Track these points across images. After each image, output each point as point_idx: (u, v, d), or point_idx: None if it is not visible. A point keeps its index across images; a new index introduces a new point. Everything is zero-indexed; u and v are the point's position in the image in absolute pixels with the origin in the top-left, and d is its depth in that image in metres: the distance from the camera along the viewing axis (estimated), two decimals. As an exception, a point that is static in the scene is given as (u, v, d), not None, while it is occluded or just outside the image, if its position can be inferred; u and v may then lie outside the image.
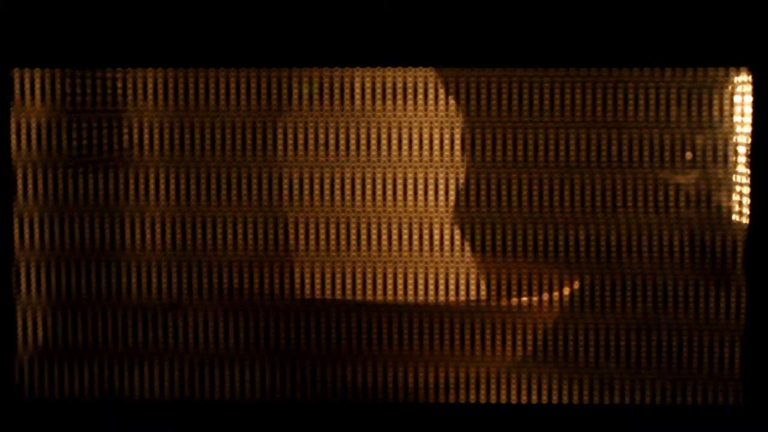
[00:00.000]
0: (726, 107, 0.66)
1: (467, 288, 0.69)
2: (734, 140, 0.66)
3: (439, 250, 0.69)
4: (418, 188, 0.69)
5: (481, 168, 0.68)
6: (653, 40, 0.64)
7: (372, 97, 0.67)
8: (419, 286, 0.69)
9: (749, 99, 0.64)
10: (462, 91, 0.68)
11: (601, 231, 0.67)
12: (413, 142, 0.68)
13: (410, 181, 0.68)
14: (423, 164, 0.68)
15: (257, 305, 0.68)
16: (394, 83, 0.67)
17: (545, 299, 0.69)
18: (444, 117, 0.69)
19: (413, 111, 0.68)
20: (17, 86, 0.66)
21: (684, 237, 0.66)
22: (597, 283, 0.67)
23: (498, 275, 0.70)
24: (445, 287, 0.69)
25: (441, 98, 0.68)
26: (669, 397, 0.66)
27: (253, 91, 0.66)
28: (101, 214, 0.68)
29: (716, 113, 0.66)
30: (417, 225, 0.68)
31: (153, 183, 0.67)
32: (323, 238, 0.70)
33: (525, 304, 0.68)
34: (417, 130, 0.68)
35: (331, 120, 0.68)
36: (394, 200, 0.68)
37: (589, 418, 0.66)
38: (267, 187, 0.67)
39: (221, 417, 0.67)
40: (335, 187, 0.68)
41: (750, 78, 0.64)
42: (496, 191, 0.67)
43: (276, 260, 0.69)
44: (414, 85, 0.68)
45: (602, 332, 0.67)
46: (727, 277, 0.66)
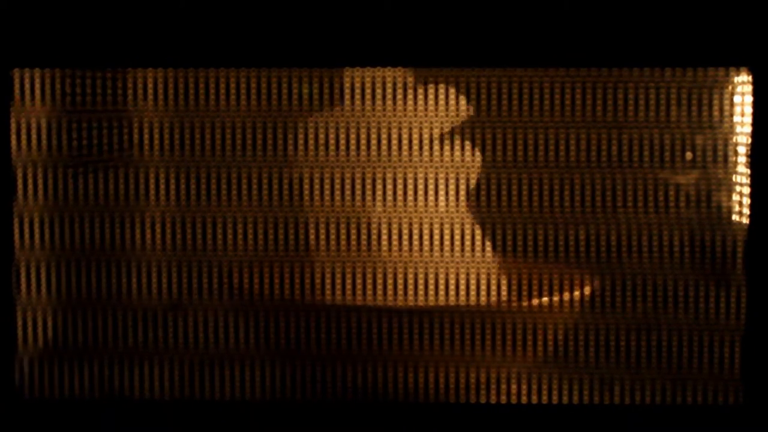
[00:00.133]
0: (726, 107, 0.66)
1: (467, 289, 0.69)
2: (734, 140, 0.66)
3: (439, 251, 0.69)
4: (418, 188, 0.69)
5: (482, 168, 0.68)
6: (653, 40, 0.64)
7: (372, 97, 0.67)
8: (419, 288, 0.69)
9: (749, 99, 0.64)
10: (462, 92, 0.68)
11: (601, 231, 0.67)
12: (413, 142, 0.68)
13: (410, 181, 0.68)
14: (423, 164, 0.68)
15: (257, 305, 0.68)
16: (394, 83, 0.67)
17: (546, 301, 0.69)
18: (444, 117, 0.69)
19: (413, 111, 0.68)
20: (17, 86, 0.66)
21: (684, 237, 0.66)
22: (597, 283, 0.67)
23: (498, 276, 0.70)
24: (445, 288, 0.69)
25: (441, 98, 0.68)
26: (669, 397, 0.66)
27: (253, 91, 0.66)
28: (102, 214, 0.68)
29: (716, 113, 0.66)
30: (417, 225, 0.68)
31: (153, 183, 0.67)
32: (323, 239, 0.70)
33: (525, 306, 0.68)
34: (417, 130, 0.68)
35: (332, 120, 0.68)
36: (395, 200, 0.68)
37: (589, 418, 0.66)
38: (267, 188, 0.67)
39: (221, 417, 0.67)
40: (335, 187, 0.68)
41: (750, 78, 0.64)
42: (496, 191, 0.67)
43: (276, 260, 0.69)
44: (414, 85, 0.68)
45: (602, 332, 0.67)
46: (727, 277, 0.66)
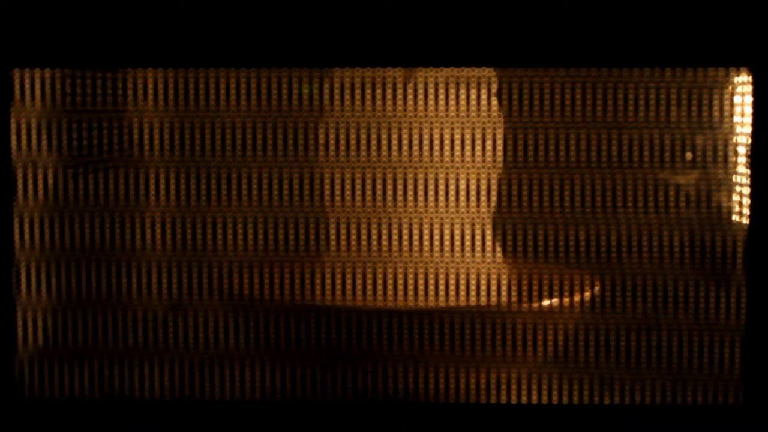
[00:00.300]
0: (726, 107, 0.66)
1: (467, 289, 0.69)
2: (734, 140, 0.66)
3: (439, 252, 0.69)
4: (419, 189, 0.69)
5: (481, 168, 0.68)
6: (653, 40, 0.64)
7: (372, 97, 0.67)
8: (419, 288, 0.69)
9: (749, 99, 0.64)
10: (462, 91, 0.68)
11: (601, 231, 0.67)
12: (413, 142, 0.68)
13: (410, 182, 0.68)
14: (423, 164, 0.68)
15: (258, 305, 0.68)
16: (395, 83, 0.67)
17: (546, 301, 0.68)
18: (444, 117, 0.69)
19: (413, 111, 0.68)
20: (17, 86, 0.66)
21: (684, 237, 0.66)
22: (597, 283, 0.67)
23: (499, 276, 0.70)
24: (446, 289, 0.69)
25: (441, 98, 0.68)
26: (669, 397, 0.66)
27: (253, 91, 0.66)
28: (102, 215, 0.68)
29: (716, 113, 0.66)
30: (417, 226, 0.68)
31: (153, 183, 0.67)
32: (323, 239, 0.70)
33: (525, 307, 0.68)
34: (417, 130, 0.68)
35: (332, 120, 0.68)
36: (395, 201, 0.68)
37: (589, 418, 0.66)
38: (267, 188, 0.67)
39: (221, 417, 0.67)
40: (335, 188, 0.68)
41: (750, 78, 0.64)
42: (497, 191, 0.67)
43: (276, 261, 0.69)
44: (414, 86, 0.68)
45: (602, 332, 0.67)
46: (727, 277, 0.66)
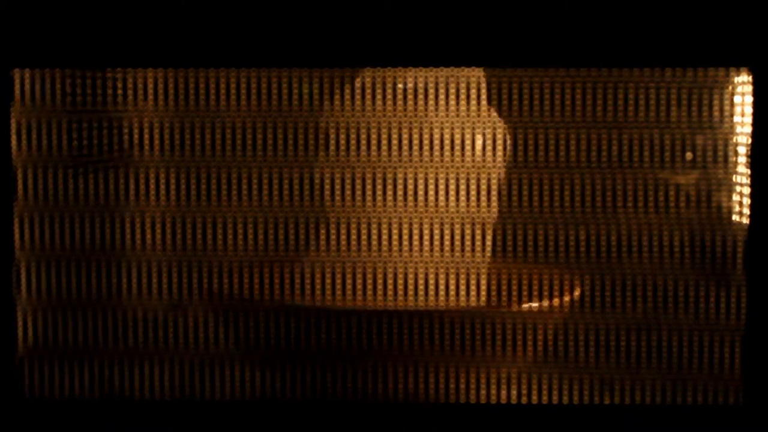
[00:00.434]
0: (726, 107, 0.66)
1: (467, 290, 0.69)
2: (734, 140, 0.66)
3: (439, 252, 0.69)
4: (418, 189, 0.69)
5: (481, 168, 0.68)
6: (653, 40, 0.64)
7: (372, 97, 0.67)
8: (419, 289, 0.69)
9: (749, 99, 0.64)
10: (462, 91, 0.68)
11: (601, 231, 0.67)
12: (413, 142, 0.68)
13: (410, 182, 0.68)
14: (423, 164, 0.68)
15: (258, 306, 0.68)
16: (395, 83, 0.67)
17: (546, 301, 0.68)
18: (444, 117, 0.69)
19: (413, 111, 0.68)
20: (17, 86, 0.66)
21: (684, 237, 0.66)
22: (597, 283, 0.67)
23: (498, 276, 0.70)
24: (446, 289, 0.69)
25: (441, 98, 0.68)
26: (669, 397, 0.66)
27: (253, 91, 0.66)
28: (101, 215, 0.68)
29: (716, 113, 0.66)
30: (417, 226, 0.68)
31: (153, 183, 0.67)
32: (323, 239, 0.70)
33: (526, 307, 0.68)
34: (417, 130, 0.68)
35: (332, 120, 0.68)
36: (395, 201, 0.68)
37: (589, 418, 0.66)
38: (267, 188, 0.67)
39: (221, 417, 0.67)
40: (335, 188, 0.68)
41: (750, 78, 0.64)
42: (497, 192, 0.67)
43: (276, 261, 0.69)
44: (414, 86, 0.68)
45: (602, 332, 0.67)
46: (727, 277, 0.66)
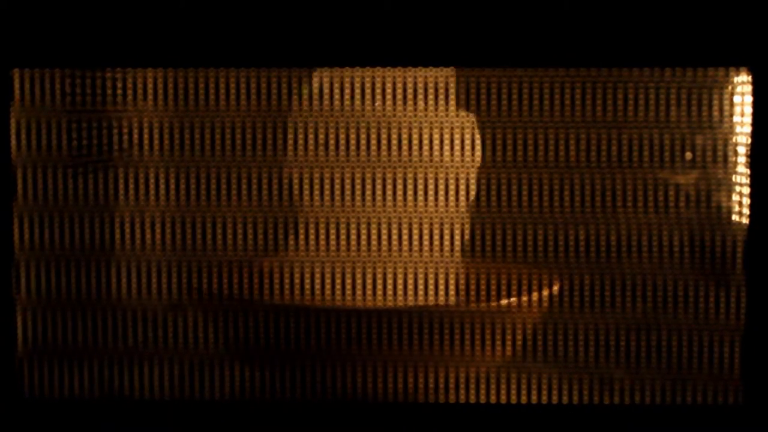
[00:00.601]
0: (726, 107, 0.66)
1: (467, 289, 0.69)
2: (734, 140, 0.66)
3: (439, 251, 0.69)
4: (418, 188, 0.69)
5: (482, 168, 0.68)
6: (653, 40, 0.64)
7: (372, 97, 0.67)
8: (419, 288, 0.69)
9: (749, 99, 0.64)
10: (462, 92, 0.68)
11: (601, 231, 0.67)
12: (413, 142, 0.68)
13: (410, 182, 0.68)
14: (423, 164, 0.68)
15: (257, 306, 0.68)
16: (394, 83, 0.67)
17: (545, 299, 0.69)
18: (444, 117, 0.69)
19: (413, 111, 0.68)
20: (17, 86, 0.66)
21: (684, 237, 0.66)
22: (597, 283, 0.67)
23: (498, 276, 0.70)
24: (445, 288, 0.69)
25: (441, 98, 0.68)
26: (669, 397, 0.66)
27: (253, 91, 0.66)
28: (101, 214, 0.68)
29: (716, 113, 0.66)
30: (417, 226, 0.68)
31: (153, 183, 0.67)
32: (323, 239, 0.70)
33: (525, 304, 0.68)
34: (417, 130, 0.68)
35: (331, 120, 0.68)
36: (394, 201, 0.68)
37: (589, 418, 0.66)
38: (267, 188, 0.67)
39: (221, 417, 0.67)
40: (335, 187, 0.68)
41: (750, 78, 0.64)
42: (496, 191, 0.67)
43: (275, 260, 0.69)
44: (414, 86, 0.68)
45: (602, 332, 0.67)
46: (727, 277, 0.66)
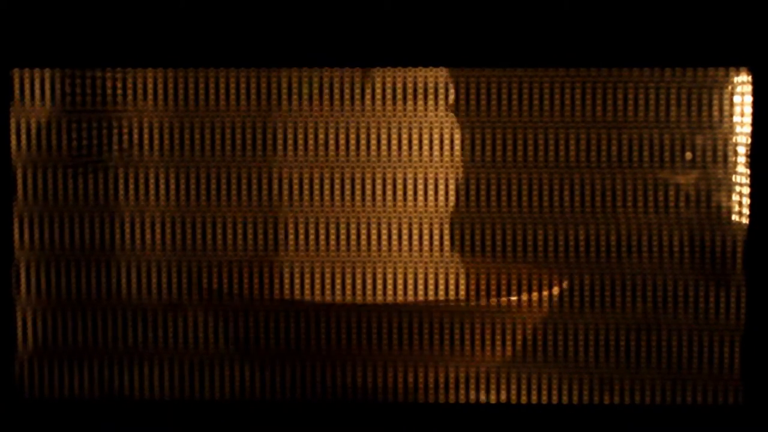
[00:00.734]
0: (726, 107, 0.66)
1: (467, 288, 0.69)
2: (734, 140, 0.66)
3: (439, 251, 0.69)
4: (418, 188, 0.69)
5: (481, 168, 0.68)
6: (653, 40, 0.64)
7: (372, 97, 0.67)
8: (419, 287, 0.69)
9: (749, 99, 0.64)
10: (462, 91, 0.68)
11: (601, 231, 0.67)
12: (413, 142, 0.68)
13: (410, 181, 0.68)
14: (423, 164, 0.68)
15: (257, 305, 0.68)
16: (394, 83, 0.67)
17: (545, 298, 0.69)
18: (444, 117, 0.69)
19: (413, 111, 0.68)
20: (17, 86, 0.66)
21: (684, 237, 0.66)
22: (597, 283, 0.67)
23: (498, 275, 0.70)
24: (445, 288, 0.69)
25: (441, 98, 0.68)
26: (669, 397, 0.66)
27: (253, 91, 0.66)
28: (101, 214, 0.68)
29: (716, 113, 0.66)
30: (417, 225, 0.68)
31: (153, 183, 0.67)
32: (323, 239, 0.70)
33: (525, 304, 0.68)
34: (417, 130, 0.68)
35: (331, 120, 0.68)
36: (394, 200, 0.68)
37: (589, 418, 0.66)
38: (267, 188, 0.67)
39: (221, 417, 0.67)
40: (335, 188, 0.68)
41: (750, 78, 0.64)
42: (496, 191, 0.67)
43: (276, 260, 0.69)
44: (414, 85, 0.68)
45: (602, 332, 0.67)
46: (727, 277, 0.66)
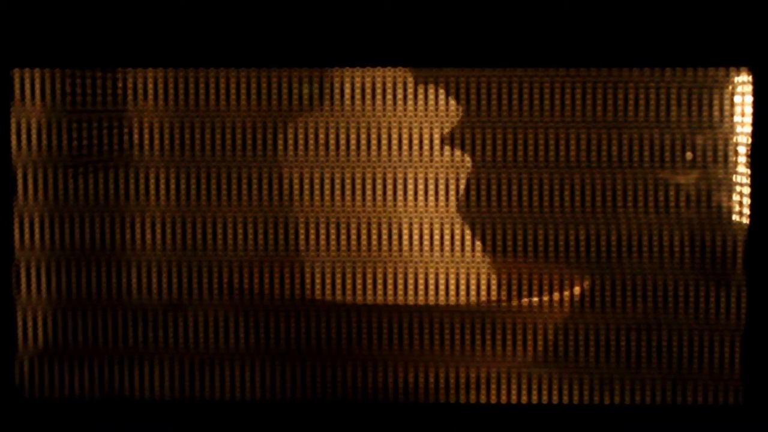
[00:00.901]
0: (726, 107, 0.66)
1: (467, 288, 0.69)
2: (734, 140, 0.66)
3: (439, 251, 0.69)
4: (419, 188, 0.69)
5: (482, 168, 0.68)
6: (653, 40, 0.64)
7: (372, 97, 0.67)
8: (419, 287, 0.69)
9: (749, 99, 0.64)
10: (462, 91, 0.68)
11: (601, 231, 0.67)
12: (413, 142, 0.68)
13: (410, 181, 0.68)
14: (423, 164, 0.68)
15: (257, 305, 0.68)
16: (394, 83, 0.67)
17: (546, 300, 0.69)
18: (444, 117, 0.69)
19: (413, 111, 0.68)
20: (17, 86, 0.66)
21: (684, 237, 0.66)
22: (597, 283, 0.67)
23: (498, 275, 0.70)
24: (446, 288, 0.69)
25: (441, 98, 0.68)
26: (669, 397, 0.66)
27: (253, 91, 0.66)
28: (101, 214, 0.68)
29: (716, 113, 0.66)
30: (417, 225, 0.68)
31: (153, 183, 0.67)
32: (323, 239, 0.70)
33: (526, 305, 0.68)
34: (417, 130, 0.68)
35: (332, 120, 0.68)
36: (395, 200, 0.68)
37: (589, 418, 0.66)
38: (267, 187, 0.67)
39: (221, 417, 0.67)
40: (335, 188, 0.68)
41: (750, 78, 0.64)
42: (497, 191, 0.67)
43: (276, 260, 0.69)
44: (414, 85, 0.68)
45: (602, 332, 0.67)
46: (727, 277, 0.66)
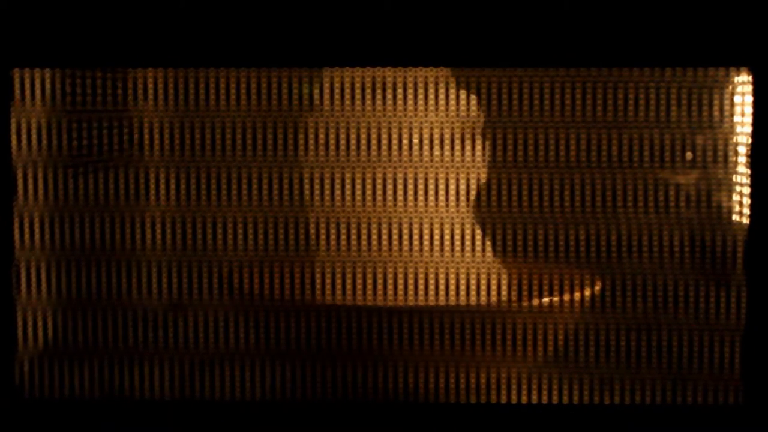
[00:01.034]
0: (726, 107, 0.66)
1: (467, 289, 0.69)
2: (734, 140, 0.66)
3: (439, 251, 0.69)
4: (419, 188, 0.69)
5: (482, 168, 0.68)
6: (653, 40, 0.64)
7: (372, 97, 0.67)
8: (419, 288, 0.69)
9: (749, 99, 0.64)
10: (462, 92, 0.68)
11: (601, 231, 0.67)
12: (413, 142, 0.68)
13: (410, 182, 0.68)
14: (423, 164, 0.68)
15: (258, 305, 0.68)
16: (394, 83, 0.67)
17: (546, 302, 0.69)
18: (444, 117, 0.69)
19: (413, 111, 0.68)
20: (17, 86, 0.66)
21: (684, 237, 0.66)
22: (597, 283, 0.67)
23: (499, 276, 0.70)
24: (446, 288, 0.69)
25: (441, 98, 0.68)
26: (669, 397, 0.66)
27: (254, 91, 0.66)
28: (102, 214, 0.68)
29: (716, 113, 0.66)
30: (417, 225, 0.68)
31: (154, 183, 0.67)
32: (323, 239, 0.70)
33: (526, 306, 0.68)
34: (417, 130, 0.68)
35: (332, 120, 0.68)
36: (395, 201, 0.68)
37: (589, 418, 0.66)
38: (267, 187, 0.67)
39: (221, 417, 0.67)
40: (335, 188, 0.68)
41: (750, 78, 0.64)
42: (497, 191, 0.67)
43: (277, 260, 0.69)
44: (414, 85, 0.68)
45: (602, 332, 0.67)
46: (727, 277, 0.66)
